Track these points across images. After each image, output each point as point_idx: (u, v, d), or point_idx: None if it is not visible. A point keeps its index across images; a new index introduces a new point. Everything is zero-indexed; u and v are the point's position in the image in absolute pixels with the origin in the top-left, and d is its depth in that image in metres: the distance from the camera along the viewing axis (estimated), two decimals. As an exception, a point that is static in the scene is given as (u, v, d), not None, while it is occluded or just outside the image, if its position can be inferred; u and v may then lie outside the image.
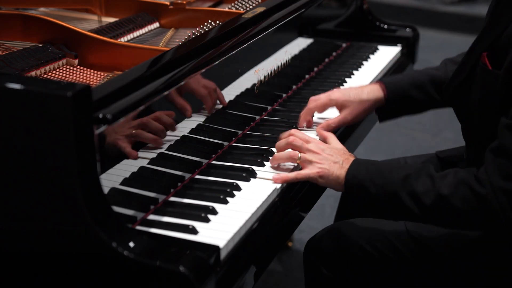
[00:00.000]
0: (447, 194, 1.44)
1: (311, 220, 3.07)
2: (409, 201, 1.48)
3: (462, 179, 1.45)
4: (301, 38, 2.31)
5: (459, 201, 1.44)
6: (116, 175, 1.44)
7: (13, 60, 1.62)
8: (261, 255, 1.49)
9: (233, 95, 1.86)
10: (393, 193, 1.50)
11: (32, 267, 1.32)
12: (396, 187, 1.50)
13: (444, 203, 1.45)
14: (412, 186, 1.48)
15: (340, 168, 1.56)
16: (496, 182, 1.41)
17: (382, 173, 1.53)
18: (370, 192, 1.52)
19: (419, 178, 1.48)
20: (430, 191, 1.46)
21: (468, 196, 1.43)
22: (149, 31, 2.00)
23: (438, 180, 1.47)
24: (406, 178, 1.50)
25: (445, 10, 6.36)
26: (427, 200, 1.46)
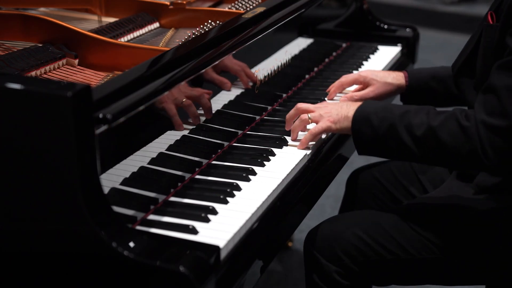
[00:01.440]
0: (436, 125, 1.53)
1: (311, 220, 3.06)
2: (404, 133, 1.56)
3: (452, 113, 1.54)
4: (301, 38, 2.32)
5: (446, 133, 1.51)
6: (116, 175, 1.44)
7: (13, 60, 1.62)
8: (261, 255, 1.49)
9: (233, 95, 1.86)
10: (392, 125, 1.57)
11: (32, 267, 1.32)
12: (395, 119, 1.58)
13: (432, 135, 1.53)
14: (409, 119, 1.57)
15: (348, 109, 1.67)
16: (479, 116, 1.49)
17: (386, 108, 1.61)
18: (373, 125, 1.60)
19: (417, 113, 1.57)
20: (423, 123, 1.55)
21: (454, 128, 1.51)
22: (149, 31, 2.00)
23: (433, 115, 1.55)
24: (405, 113, 1.58)
25: (445, 10, 6.36)
26: (419, 131, 1.54)
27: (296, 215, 1.68)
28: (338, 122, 1.67)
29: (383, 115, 1.59)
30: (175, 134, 1.62)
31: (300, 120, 1.74)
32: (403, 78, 2.03)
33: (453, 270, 1.68)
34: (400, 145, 1.57)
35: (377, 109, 1.61)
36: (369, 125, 1.60)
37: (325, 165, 1.79)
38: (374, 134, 1.60)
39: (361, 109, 1.64)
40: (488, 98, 1.49)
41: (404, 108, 1.60)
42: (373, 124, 1.59)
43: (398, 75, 2.04)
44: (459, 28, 5.95)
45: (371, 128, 1.60)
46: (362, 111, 1.63)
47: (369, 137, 1.61)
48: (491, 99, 1.49)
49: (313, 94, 2.10)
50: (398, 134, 1.56)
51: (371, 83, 2.02)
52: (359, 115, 1.63)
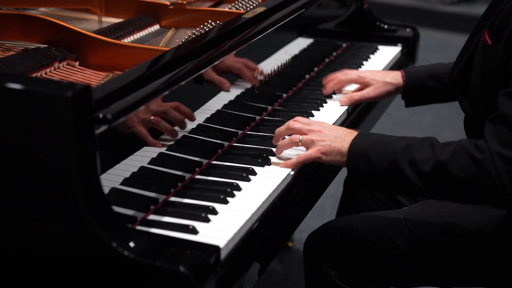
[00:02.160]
0: (445, 160, 1.44)
1: (311, 220, 3.06)
2: (408, 169, 1.47)
3: (461, 146, 1.45)
4: (301, 38, 2.31)
5: (457, 168, 1.43)
6: (116, 175, 1.44)
7: (13, 63, 1.62)
8: (261, 255, 1.49)
9: (233, 95, 1.86)
10: (394, 161, 1.48)
11: (32, 267, 1.32)
12: (396, 155, 1.48)
13: (442, 170, 1.44)
14: (412, 154, 1.47)
15: (342, 141, 1.57)
16: (494, 148, 1.41)
17: (385, 143, 1.52)
18: (371, 161, 1.50)
19: (421, 147, 1.48)
20: (429, 158, 1.45)
21: (466, 162, 1.42)
22: (149, 33, 2.00)
23: (439, 148, 1.46)
24: (407, 147, 1.49)
25: (445, 10, 6.36)
26: (426, 167, 1.45)
27: (296, 215, 1.68)
28: (329, 155, 1.58)
29: (382, 151, 1.50)
30: (175, 134, 1.62)
31: (290, 141, 1.64)
32: (401, 77, 2.03)
33: (453, 272, 1.68)
34: (403, 182, 1.48)
35: (374, 143, 1.52)
36: (367, 162, 1.51)
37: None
38: (373, 171, 1.51)
39: (356, 144, 1.54)
40: (500, 128, 1.43)
41: (405, 142, 1.51)
42: (371, 161, 1.51)
43: (397, 74, 2.04)
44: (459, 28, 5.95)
45: (369, 165, 1.51)
46: (357, 147, 1.54)
47: (368, 173, 1.52)
48: (503, 129, 1.42)
49: (313, 94, 2.10)
50: (402, 171, 1.47)
51: (371, 83, 2.02)
52: (355, 151, 1.53)
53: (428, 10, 6.39)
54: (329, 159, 1.58)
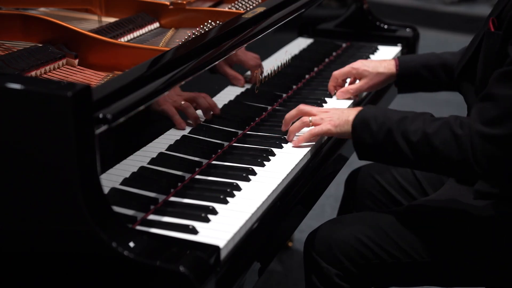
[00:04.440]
0: (431, 133, 1.53)
1: (311, 220, 3.06)
2: (400, 138, 1.56)
3: (447, 121, 1.54)
4: (301, 38, 2.32)
5: (439, 141, 1.52)
6: (116, 175, 1.44)
7: (13, 60, 1.62)
8: (261, 255, 1.49)
9: (233, 95, 1.86)
10: (389, 130, 1.58)
11: (32, 267, 1.32)
12: (392, 125, 1.58)
13: (426, 142, 1.53)
14: (405, 125, 1.57)
15: (349, 114, 1.67)
16: (474, 125, 1.49)
17: (385, 114, 1.61)
18: (372, 130, 1.60)
19: (414, 120, 1.58)
20: (419, 129, 1.55)
21: (447, 137, 1.51)
22: (149, 31, 2.00)
23: (428, 122, 1.56)
24: (403, 119, 1.59)
25: (445, 10, 6.36)
26: (414, 137, 1.55)
27: (296, 215, 1.68)
28: (339, 126, 1.67)
29: (382, 120, 1.59)
30: (175, 134, 1.63)
31: (301, 122, 1.74)
32: (394, 66, 2.05)
33: (453, 272, 1.68)
34: (396, 151, 1.57)
35: (376, 114, 1.61)
36: (368, 130, 1.60)
37: (325, 165, 1.79)
38: (373, 139, 1.60)
39: (361, 114, 1.64)
40: (485, 106, 1.49)
41: (403, 114, 1.60)
42: (372, 129, 1.60)
43: (390, 63, 2.06)
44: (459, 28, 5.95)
45: (370, 133, 1.60)
46: (362, 116, 1.63)
47: (368, 142, 1.61)
48: (488, 107, 1.48)
49: (313, 94, 2.10)
50: (395, 139, 1.57)
51: (364, 75, 2.05)
52: (359, 120, 1.63)
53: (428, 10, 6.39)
54: (338, 130, 1.68)
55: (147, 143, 1.54)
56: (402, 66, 2.04)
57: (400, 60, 2.06)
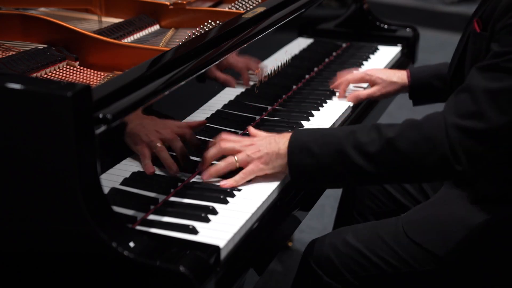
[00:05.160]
0: (392, 137, 1.42)
1: (311, 220, 3.07)
2: (354, 153, 1.43)
3: (410, 121, 1.44)
4: (301, 38, 2.32)
5: (406, 143, 1.41)
6: (116, 175, 1.44)
7: (13, 63, 1.62)
8: (261, 255, 1.49)
9: (233, 95, 1.86)
10: (338, 149, 1.45)
11: (32, 267, 1.32)
12: (340, 141, 1.45)
13: (390, 148, 1.42)
14: (356, 138, 1.45)
15: (277, 144, 1.52)
16: (449, 119, 1.40)
17: (325, 133, 1.50)
18: (314, 153, 1.46)
19: (364, 130, 1.46)
20: (375, 139, 1.43)
21: (415, 136, 1.41)
22: (149, 33, 2.00)
23: (384, 128, 1.45)
24: (350, 133, 1.47)
25: (445, 10, 6.35)
26: (372, 147, 1.42)
27: (296, 215, 1.68)
28: (270, 162, 1.52)
29: (324, 140, 1.46)
30: (175, 134, 1.62)
31: (226, 163, 1.53)
32: (407, 77, 2.05)
33: (452, 277, 1.67)
34: (351, 168, 1.45)
35: (315, 135, 1.49)
36: (309, 154, 1.46)
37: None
38: (318, 163, 1.46)
39: (295, 140, 1.49)
40: (462, 100, 1.43)
41: (347, 129, 1.48)
42: (314, 153, 1.46)
43: (403, 74, 2.06)
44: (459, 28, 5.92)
45: (312, 157, 1.46)
46: (297, 142, 1.49)
47: (312, 167, 1.47)
48: (465, 100, 1.42)
49: (313, 94, 2.10)
50: (347, 156, 1.44)
51: (377, 82, 2.05)
52: (295, 147, 1.49)
53: (428, 10, 6.39)
54: (271, 167, 1.53)
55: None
56: (414, 77, 2.04)
57: (412, 71, 2.06)
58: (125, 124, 1.40)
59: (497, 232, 1.64)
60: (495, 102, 1.40)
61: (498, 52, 1.44)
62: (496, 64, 1.42)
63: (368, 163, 1.44)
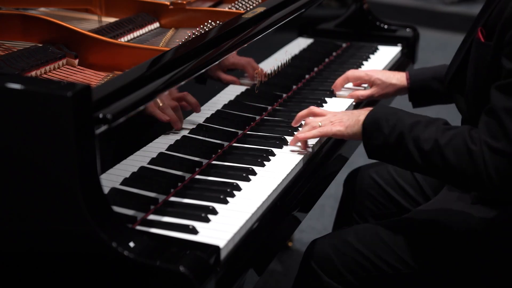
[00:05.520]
0: (443, 144, 1.51)
1: (311, 220, 3.07)
2: (412, 145, 1.54)
3: (460, 133, 1.51)
4: (301, 38, 2.32)
5: (451, 152, 1.49)
6: (116, 175, 1.44)
7: (13, 60, 1.62)
8: (261, 255, 1.49)
9: (233, 95, 1.86)
10: (401, 135, 1.56)
11: (33, 267, 1.32)
12: (404, 129, 1.56)
13: (438, 152, 1.51)
14: (418, 132, 1.54)
15: (359, 115, 1.66)
16: (483, 138, 1.47)
17: (397, 115, 1.59)
18: (383, 132, 1.58)
19: (428, 127, 1.55)
20: (431, 138, 1.52)
21: (460, 149, 1.48)
22: (149, 31, 2.00)
23: (441, 131, 1.53)
24: (416, 123, 1.56)
25: (445, 10, 6.35)
26: (426, 146, 1.52)
27: (296, 215, 1.68)
28: (349, 127, 1.66)
29: (394, 122, 1.57)
30: (175, 134, 1.62)
31: (310, 126, 1.73)
32: (406, 79, 2.05)
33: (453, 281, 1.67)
34: (407, 156, 1.55)
35: (388, 115, 1.59)
36: (379, 131, 1.59)
37: (325, 165, 1.79)
38: (384, 141, 1.58)
39: (371, 115, 1.62)
40: (489, 121, 1.47)
41: (415, 118, 1.58)
42: (383, 131, 1.58)
43: (402, 76, 2.06)
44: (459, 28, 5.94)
45: (381, 134, 1.58)
46: (372, 117, 1.61)
47: (379, 143, 1.59)
48: (492, 121, 1.46)
49: (313, 94, 2.10)
50: (406, 145, 1.55)
51: (376, 83, 2.05)
52: (370, 120, 1.61)
53: (428, 10, 6.39)
54: (349, 131, 1.66)
55: (147, 143, 1.54)
56: (413, 79, 2.04)
57: (411, 73, 2.06)
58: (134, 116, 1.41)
59: (497, 233, 1.64)
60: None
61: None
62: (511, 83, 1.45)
63: (419, 158, 1.54)
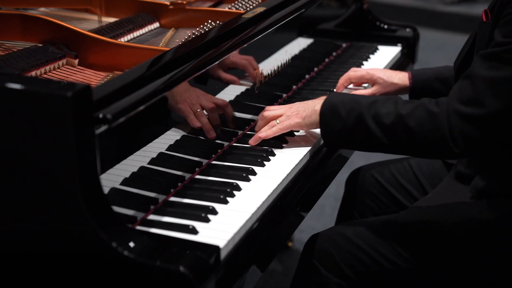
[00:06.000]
0: (405, 114, 1.54)
1: (311, 220, 3.07)
2: (372, 122, 1.56)
3: (422, 102, 1.55)
4: (301, 38, 2.32)
5: (414, 121, 1.52)
6: (116, 175, 1.44)
7: (13, 60, 1.62)
8: (261, 255, 1.49)
9: (233, 95, 1.86)
10: (360, 115, 1.58)
11: (33, 267, 1.32)
12: (362, 109, 1.58)
13: (401, 123, 1.54)
14: (376, 108, 1.58)
15: (314, 104, 1.68)
16: (452, 104, 1.50)
17: (354, 98, 1.62)
18: (341, 116, 1.60)
19: (385, 103, 1.58)
20: (391, 112, 1.56)
21: (423, 116, 1.52)
22: (149, 31, 2.00)
23: (401, 104, 1.56)
24: (373, 102, 1.59)
25: (445, 10, 6.35)
26: (387, 119, 1.55)
27: (296, 215, 1.68)
28: (306, 117, 1.68)
29: (351, 105, 1.59)
30: (175, 134, 1.63)
31: (269, 126, 1.72)
32: (408, 79, 2.05)
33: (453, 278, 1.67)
34: (368, 135, 1.58)
35: (344, 100, 1.62)
36: (337, 116, 1.61)
37: (325, 165, 1.79)
38: (343, 125, 1.60)
39: (328, 101, 1.64)
40: (464, 86, 1.51)
41: (372, 98, 1.61)
42: (340, 115, 1.60)
43: (404, 75, 2.06)
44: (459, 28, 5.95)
45: (339, 119, 1.60)
46: (329, 103, 1.63)
47: (337, 128, 1.61)
48: (466, 87, 1.50)
49: (313, 94, 2.10)
50: (366, 123, 1.57)
51: (377, 82, 2.05)
52: (327, 107, 1.63)
53: (428, 10, 6.39)
54: (306, 122, 1.68)
55: (147, 143, 1.54)
56: (415, 79, 2.04)
57: (413, 73, 2.06)
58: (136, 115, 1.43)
59: (497, 228, 1.64)
60: (493, 90, 1.47)
61: (500, 42, 1.49)
62: (497, 53, 1.49)
63: (382, 133, 1.57)
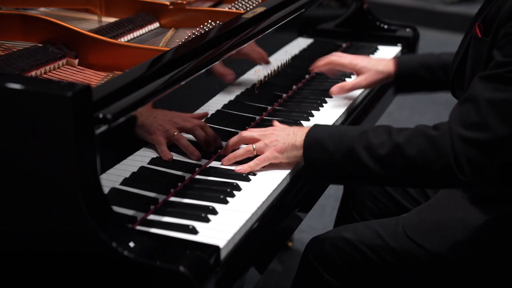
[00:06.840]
0: (401, 142, 1.45)
1: (311, 220, 3.07)
2: (364, 154, 1.48)
3: (419, 129, 1.47)
4: (301, 38, 2.31)
5: (413, 150, 1.44)
6: (116, 175, 1.44)
7: (13, 60, 1.62)
8: (261, 255, 1.49)
9: (233, 95, 1.86)
10: (350, 148, 1.49)
11: (33, 267, 1.32)
12: (352, 141, 1.50)
13: (398, 153, 1.45)
14: (368, 139, 1.49)
15: (295, 136, 1.58)
16: (455, 129, 1.43)
17: (340, 131, 1.55)
18: (328, 150, 1.51)
19: (376, 132, 1.50)
20: (385, 142, 1.47)
21: (423, 144, 1.44)
22: (149, 31, 2.00)
23: (395, 132, 1.48)
24: (362, 133, 1.51)
25: (445, 10, 6.35)
26: (382, 151, 1.46)
27: (296, 215, 1.68)
28: (285, 151, 1.58)
29: (338, 138, 1.51)
30: (175, 134, 1.62)
31: (244, 150, 1.62)
32: (393, 66, 2.03)
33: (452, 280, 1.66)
34: (360, 168, 1.49)
35: (329, 132, 1.54)
36: (323, 151, 1.52)
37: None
38: (331, 160, 1.51)
39: (312, 135, 1.55)
40: (466, 110, 1.44)
41: (360, 129, 1.53)
42: (328, 149, 1.51)
43: (389, 62, 2.04)
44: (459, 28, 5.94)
45: (326, 153, 1.51)
46: (313, 137, 1.54)
47: (325, 163, 1.52)
48: (469, 110, 1.43)
49: (313, 94, 2.10)
50: (358, 156, 1.48)
51: (362, 71, 2.02)
52: (311, 141, 1.54)
53: (428, 10, 6.39)
54: (285, 156, 1.59)
55: (147, 143, 1.54)
56: (401, 66, 2.03)
57: (399, 59, 2.05)
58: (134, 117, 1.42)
59: (496, 232, 1.64)
60: (498, 113, 1.42)
61: (501, 62, 1.44)
62: (499, 74, 1.44)
63: (377, 165, 1.47)
